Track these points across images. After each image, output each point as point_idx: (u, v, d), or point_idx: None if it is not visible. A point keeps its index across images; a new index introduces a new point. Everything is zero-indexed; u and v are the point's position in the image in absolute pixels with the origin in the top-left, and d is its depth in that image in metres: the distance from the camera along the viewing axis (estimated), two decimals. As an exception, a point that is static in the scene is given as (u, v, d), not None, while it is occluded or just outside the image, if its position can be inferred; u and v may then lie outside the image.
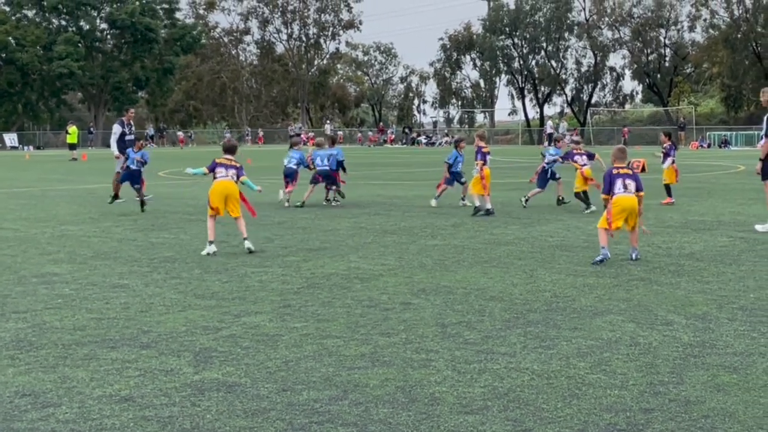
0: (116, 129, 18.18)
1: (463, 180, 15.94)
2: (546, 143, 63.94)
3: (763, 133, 12.01)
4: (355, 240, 11.25)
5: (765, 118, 12.00)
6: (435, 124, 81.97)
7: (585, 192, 14.60)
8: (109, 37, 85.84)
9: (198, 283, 8.23)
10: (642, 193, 9.51)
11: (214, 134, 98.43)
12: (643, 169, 16.02)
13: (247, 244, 10.20)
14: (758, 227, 11.76)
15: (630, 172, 9.52)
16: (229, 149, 10.75)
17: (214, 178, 10.37)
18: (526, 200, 15.38)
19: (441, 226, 12.62)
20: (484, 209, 14.07)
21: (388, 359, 5.52)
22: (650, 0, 79.11)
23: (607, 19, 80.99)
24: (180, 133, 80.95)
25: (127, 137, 17.93)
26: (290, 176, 16.51)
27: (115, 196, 16.43)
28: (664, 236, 11.16)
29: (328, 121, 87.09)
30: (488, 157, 14.38)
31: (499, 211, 14.62)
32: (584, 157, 15.03)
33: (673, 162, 16.14)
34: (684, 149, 56.57)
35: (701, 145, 59.34)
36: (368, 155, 49.07)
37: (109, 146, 20.89)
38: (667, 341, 5.85)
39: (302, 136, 68.94)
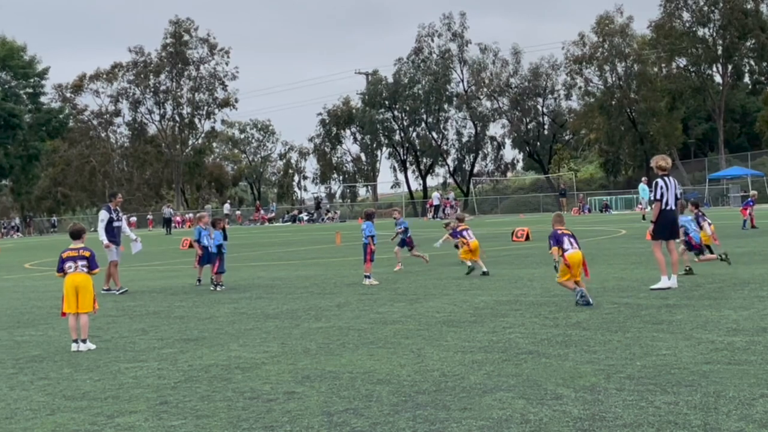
0: (103, 215, 16.48)
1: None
2: (430, 215, 64.75)
3: (651, 196, 12.65)
4: (236, 327, 10.86)
5: (654, 182, 12.57)
6: (318, 200, 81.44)
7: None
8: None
9: (68, 383, 7.70)
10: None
11: (84, 220, 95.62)
12: (527, 238, 16.89)
13: (83, 346, 9.50)
14: (653, 286, 12.24)
15: (570, 231, 11.37)
16: (73, 234, 9.98)
17: (65, 274, 9.69)
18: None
19: (325, 308, 12.37)
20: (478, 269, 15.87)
21: (273, 457, 5.21)
22: (526, 70, 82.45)
23: (485, 89, 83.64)
24: (134, 218, 76.69)
25: (115, 223, 16.52)
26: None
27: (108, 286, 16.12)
28: (550, 306, 11.22)
29: (228, 201, 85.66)
30: (468, 232, 16.46)
31: (385, 288, 14.55)
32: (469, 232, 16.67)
33: (710, 224, 16.54)
34: (566, 215, 58.25)
35: (582, 211, 61.20)
36: (249, 235, 48.51)
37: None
38: (557, 416, 5.76)
39: (176, 218, 67.42)
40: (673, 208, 12.59)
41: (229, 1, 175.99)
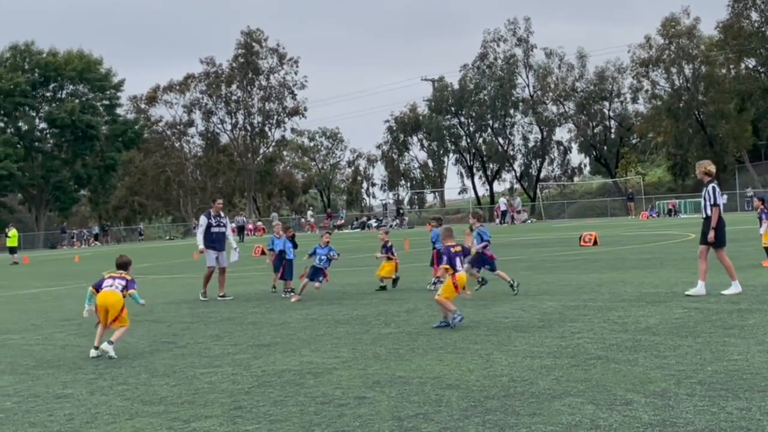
0: (202, 221, 16.82)
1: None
2: (498, 221, 64.30)
3: (711, 202, 12.38)
4: (307, 333, 11.04)
5: (711, 188, 12.37)
6: (398, 207, 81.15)
7: None
8: (48, 136, 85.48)
9: (145, 389, 7.95)
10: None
11: (159, 228, 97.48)
12: (595, 243, 16.42)
13: (108, 349, 9.83)
14: (724, 292, 12.15)
15: (461, 249, 11.04)
16: (120, 266, 10.42)
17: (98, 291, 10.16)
18: None
19: (395, 313, 12.48)
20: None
21: (344, 460, 5.31)
22: (592, 74, 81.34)
23: (551, 94, 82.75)
24: (253, 223, 77.75)
25: (214, 229, 16.69)
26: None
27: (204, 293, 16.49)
28: (619, 311, 11.14)
29: (311, 209, 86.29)
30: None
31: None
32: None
33: None
34: (634, 219, 57.45)
35: (651, 215, 60.19)
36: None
37: (53, 247, 20.26)
38: (627, 422, 5.75)
39: (249, 225, 68.21)
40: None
41: (297, 12, 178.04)
